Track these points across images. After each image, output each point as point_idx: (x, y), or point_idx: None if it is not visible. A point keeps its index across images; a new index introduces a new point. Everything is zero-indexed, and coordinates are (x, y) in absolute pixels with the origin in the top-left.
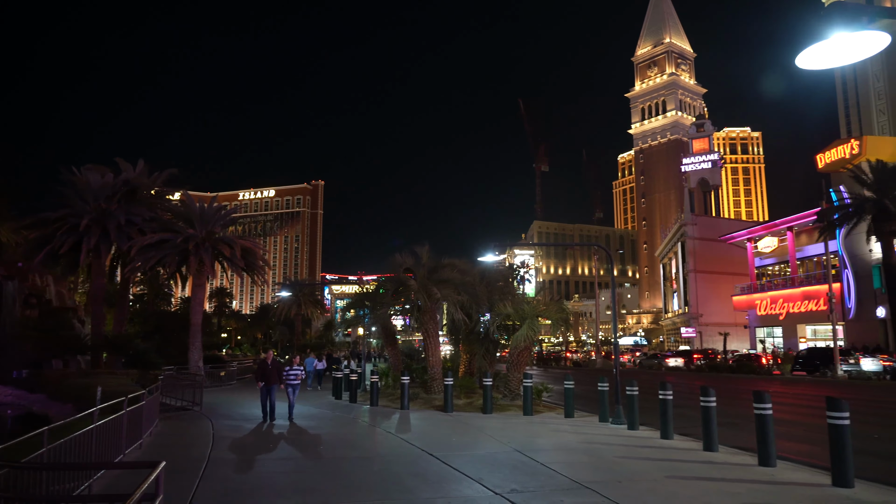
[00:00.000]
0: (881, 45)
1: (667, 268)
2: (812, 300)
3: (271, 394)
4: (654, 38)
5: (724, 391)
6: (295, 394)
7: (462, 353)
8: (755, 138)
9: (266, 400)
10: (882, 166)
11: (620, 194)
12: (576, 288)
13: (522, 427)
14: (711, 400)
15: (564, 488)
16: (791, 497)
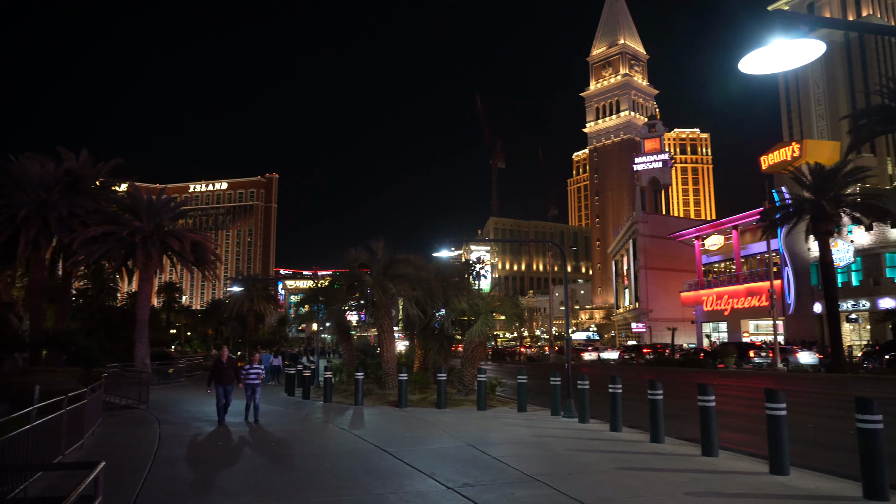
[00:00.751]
0: (816, 53)
1: (619, 264)
2: (755, 296)
3: (228, 394)
4: (608, 39)
5: (671, 384)
6: (257, 394)
7: (417, 348)
8: (704, 139)
9: (222, 400)
10: (820, 169)
11: (575, 192)
12: (531, 284)
13: (476, 422)
14: (658, 393)
15: (515, 481)
16: (730, 485)
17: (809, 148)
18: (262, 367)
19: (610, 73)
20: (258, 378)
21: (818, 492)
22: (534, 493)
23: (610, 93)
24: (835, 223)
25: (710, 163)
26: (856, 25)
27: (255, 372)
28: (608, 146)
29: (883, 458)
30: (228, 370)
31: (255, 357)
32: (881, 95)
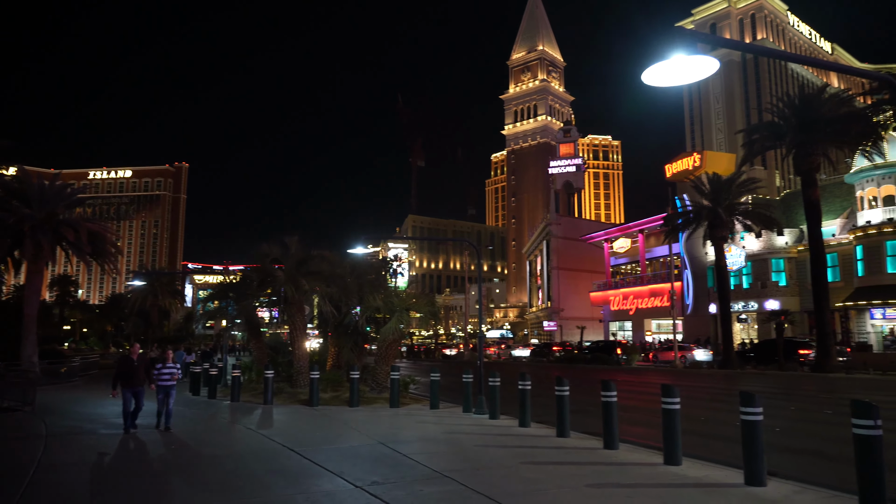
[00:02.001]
0: (711, 70)
1: (533, 264)
2: (658, 297)
3: (138, 398)
4: (528, 44)
5: (579, 381)
6: (172, 398)
7: (330, 346)
8: (615, 146)
9: (130, 405)
10: (717, 179)
11: (493, 192)
12: (448, 282)
13: (388, 419)
14: (565, 389)
15: (425, 478)
16: (628, 476)
17: (709, 159)
18: (178, 366)
19: (529, 77)
20: (173, 379)
21: (705, 480)
22: (441, 489)
23: (528, 97)
24: (729, 230)
25: (620, 169)
26: (750, 47)
27: (169, 372)
28: (525, 149)
29: (762, 447)
30: (139, 370)
31: (168, 354)
32: (771, 113)
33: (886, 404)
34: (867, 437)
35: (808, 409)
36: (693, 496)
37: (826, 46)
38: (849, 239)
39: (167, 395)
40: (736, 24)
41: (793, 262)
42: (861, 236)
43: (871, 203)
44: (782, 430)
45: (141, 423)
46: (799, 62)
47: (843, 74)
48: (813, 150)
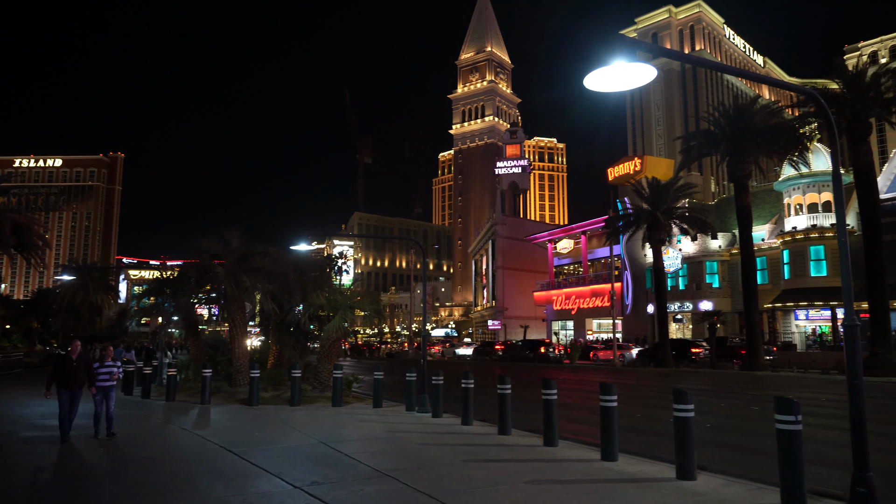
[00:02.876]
0: (649, 78)
1: (478, 264)
2: (599, 297)
3: (75, 401)
4: (476, 45)
5: (522, 379)
6: (112, 399)
7: (272, 344)
8: (560, 149)
9: (68, 410)
10: (656, 183)
11: (440, 191)
12: (394, 280)
13: (330, 418)
14: (507, 388)
15: (366, 477)
16: (566, 472)
17: (649, 164)
18: (118, 364)
19: (477, 78)
20: (112, 378)
21: (640, 474)
22: (382, 489)
23: (476, 97)
24: (667, 233)
25: (564, 171)
26: (687, 57)
27: (108, 370)
28: (472, 149)
29: (693, 442)
30: (79, 370)
31: (107, 351)
32: (707, 122)
33: (807, 400)
34: (788, 431)
35: (738, 406)
36: (627, 491)
37: (759, 59)
38: (777, 243)
39: (106, 397)
40: (676, 35)
41: (725, 264)
42: (788, 241)
43: (797, 210)
44: (713, 425)
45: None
46: (733, 74)
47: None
48: (745, 158)
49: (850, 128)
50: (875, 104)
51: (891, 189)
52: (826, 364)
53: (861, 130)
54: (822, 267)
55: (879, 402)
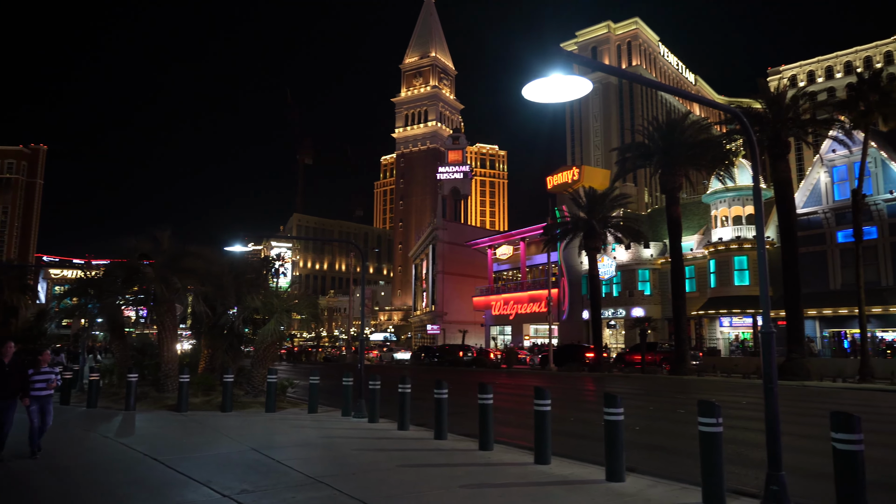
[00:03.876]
0: (585, 91)
1: (419, 268)
2: (536, 303)
3: (8, 413)
4: (421, 50)
5: (459, 383)
6: (49, 413)
7: (203, 347)
8: (502, 156)
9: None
10: (593, 193)
11: (381, 194)
12: (333, 283)
13: (262, 424)
14: (444, 392)
15: (298, 484)
16: (500, 475)
17: (586, 173)
18: (56, 371)
19: (420, 82)
20: (49, 387)
21: (571, 477)
22: (315, 496)
23: (419, 102)
24: (602, 241)
25: (505, 178)
26: (621, 73)
27: (44, 378)
28: (415, 153)
29: (622, 445)
30: (11, 377)
31: (44, 356)
32: (642, 135)
33: (729, 403)
34: (710, 433)
35: (665, 409)
36: (558, 493)
37: (691, 77)
38: (704, 253)
39: (42, 408)
40: (615, 50)
41: (657, 273)
42: (714, 251)
43: (723, 222)
44: (642, 428)
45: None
46: (665, 91)
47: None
48: (676, 171)
49: (771, 146)
50: (793, 124)
51: (807, 204)
52: (747, 369)
53: (781, 148)
54: (745, 276)
55: (794, 405)
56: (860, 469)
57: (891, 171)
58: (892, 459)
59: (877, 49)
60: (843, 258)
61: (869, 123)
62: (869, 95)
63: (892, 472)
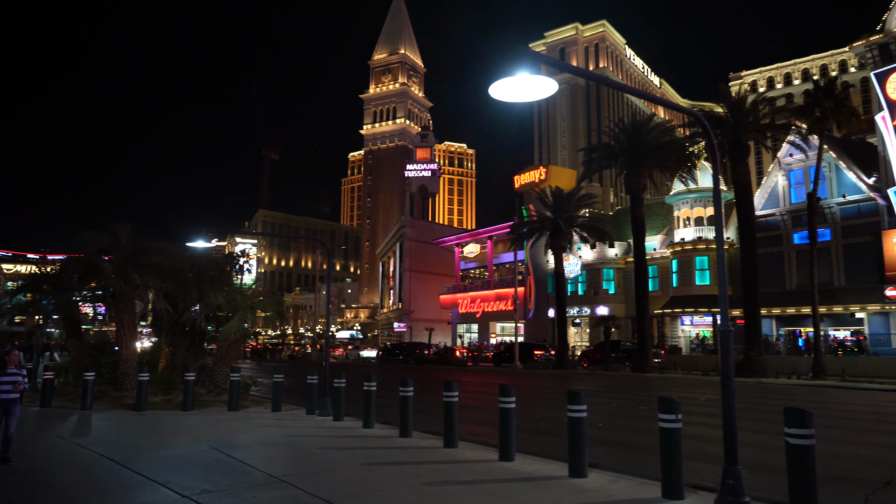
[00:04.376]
0: (551, 91)
1: (386, 266)
2: (503, 301)
3: None
4: (390, 46)
5: (425, 381)
6: (14, 416)
7: (164, 345)
8: (470, 154)
9: None
10: (560, 193)
11: (349, 191)
12: (298, 280)
13: (225, 423)
14: (409, 390)
15: (260, 484)
16: (465, 473)
17: (553, 173)
18: (24, 373)
19: (389, 79)
20: (16, 389)
21: (535, 474)
22: (277, 495)
23: (388, 99)
24: (568, 240)
25: (473, 176)
26: (588, 74)
27: (11, 380)
28: (383, 150)
29: (585, 441)
30: None
31: (11, 356)
32: (608, 136)
33: (688, 400)
34: (670, 429)
35: (627, 406)
36: (522, 490)
37: (656, 80)
38: (667, 253)
39: (8, 413)
40: (582, 51)
41: (621, 272)
42: (676, 251)
43: (685, 222)
44: (605, 425)
45: None
46: (630, 93)
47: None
48: (640, 172)
49: (732, 149)
50: (753, 129)
51: (765, 206)
52: (707, 366)
53: (741, 152)
54: (705, 276)
55: (751, 401)
56: (811, 462)
57: (844, 175)
58: (842, 453)
59: (832, 58)
60: (799, 259)
61: (824, 129)
62: (824, 102)
63: (841, 464)
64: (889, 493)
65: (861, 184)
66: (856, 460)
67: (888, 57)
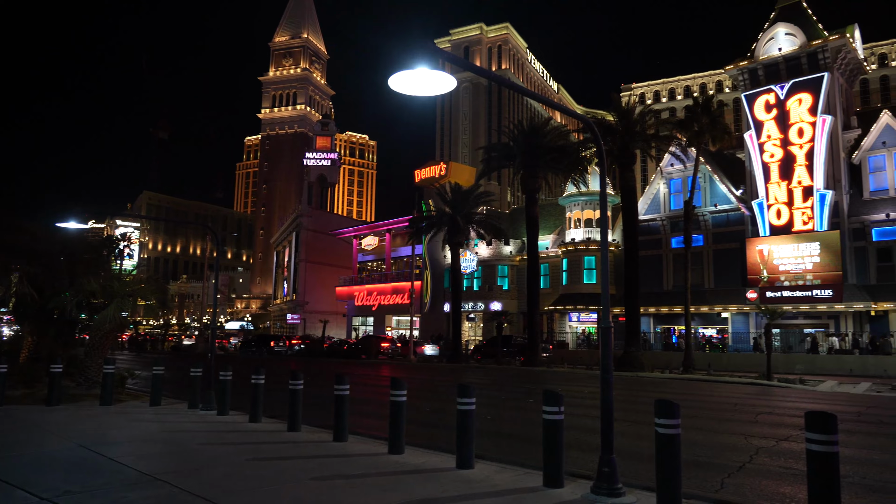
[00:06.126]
0: (450, 87)
1: (281, 255)
2: (400, 294)
3: None
4: (292, 29)
5: (318, 374)
6: None
7: (28, 334)
8: (372, 146)
9: None
10: (458, 189)
11: (244, 177)
12: (185, 268)
13: (96, 419)
14: (298, 383)
15: (132, 483)
16: (353, 466)
17: (453, 169)
18: None
19: (291, 63)
20: None
21: (423, 466)
22: (151, 494)
23: (289, 83)
24: (465, 236)
25: (374, 168)
26: (489, 74)
27: None
28: (282, 136)
29: (472, 434)
30: None
31: None
32: (507, 136)
33: (572, 393)
34: (553, 421)
35: (516, 398)
36: (409, 482)
37: (554, 86)
38: (558, 252)
39: None
40: (486, 52)
41: (515, 269)
42: (567, 251)
43: (576, 223)
44: (494, 417)
45: None
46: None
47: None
48: (536, 173)
49: (620, 156)
50: (640, 138)
51: (648, 212)
52: (591, 361)
53: (628, 159)
54: (593, 275)
55: (629, 394)
56: (677, 450)
57: (717, 186)
58: (705, 440)
59: (710, 77)
60: (675, 262)
61: (701, 142)
62: (702, 118)
63: (704, 451)
64: (741, 476)
65: (730, 195)
66: (716, 447)
67: (756, 81)
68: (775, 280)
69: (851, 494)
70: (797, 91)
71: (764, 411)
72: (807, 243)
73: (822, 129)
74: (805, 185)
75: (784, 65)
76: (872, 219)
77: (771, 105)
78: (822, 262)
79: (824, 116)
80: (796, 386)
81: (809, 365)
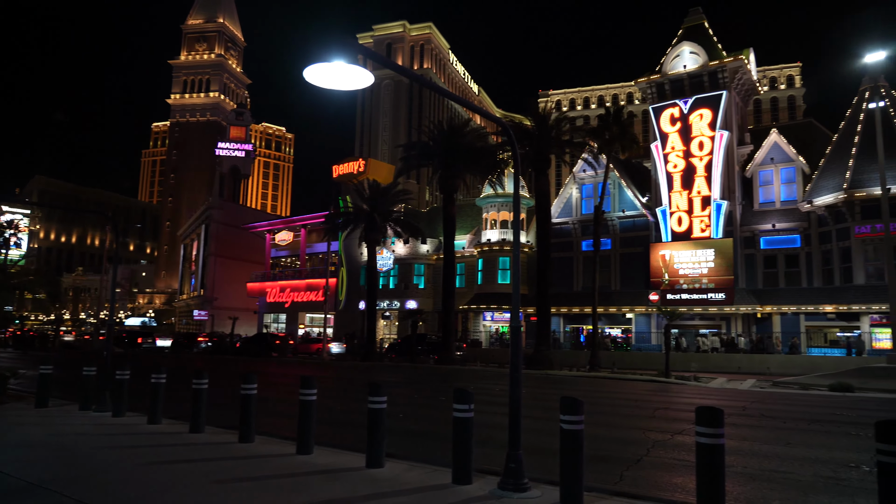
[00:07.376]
0: (367, 82)
1: (188, 249)
2: (314, 291)
3: None
4: (207, 13)
5: (227, 373)
6: None
7: None
8: (289, 139)
9: None
10: (377, 186)
11: (150, 164)
12: (82, 259)
13: None
14: (203, 382)
15: (14, 492)
16: (260, 468)
17: (372, 166)
18: None
19: (204, 48)
20: None
21: (332, 466)
22: None
23: (202, 69)
24: (382, 234)
25: (291, 162)
26: (411, 74)
27: None
28: (192, 124)
29: (383, 432)
30: None
31: None
32: (427, 136)
33: (484, 390)
34: (463, 418)
35: (429, 397)
36: (317, 483)
37: (475, 88)
38: (474, 252)
39: None
40: (408, 50)
41: (431, 268)
42: (483, 251)
43: (492, 224)
44: (406, 415)
45: None
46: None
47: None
48: (454, 173)
49: (536, 160)
50: (555, 143)
51: (561, 215)
52: (503, 359)
53: (543, 163)
54: (507, 276)
55: (538, 391)
56: (580, 444)
57: (625, 193)
58: (607, 435)
59: (622, 89)
60: (585, 264)
61: (611, 151)
62: (613, 127)
63: (605, 445)
64: (639, 469)
65: (637, 202)
66: (617, 441)
67: (663, 95)
68: (675, 283)
69: (735, 483)
70: (699, 106)
71: (661, 407)
72: (703, 249)
73: (720, 144)
74: (704, 195)
75: (688, 81)
76: (761, 228)
77: (675, 118)
78: (716, 267)
79: (722, 132)
80: (691, 383)
81: (703, 363)
